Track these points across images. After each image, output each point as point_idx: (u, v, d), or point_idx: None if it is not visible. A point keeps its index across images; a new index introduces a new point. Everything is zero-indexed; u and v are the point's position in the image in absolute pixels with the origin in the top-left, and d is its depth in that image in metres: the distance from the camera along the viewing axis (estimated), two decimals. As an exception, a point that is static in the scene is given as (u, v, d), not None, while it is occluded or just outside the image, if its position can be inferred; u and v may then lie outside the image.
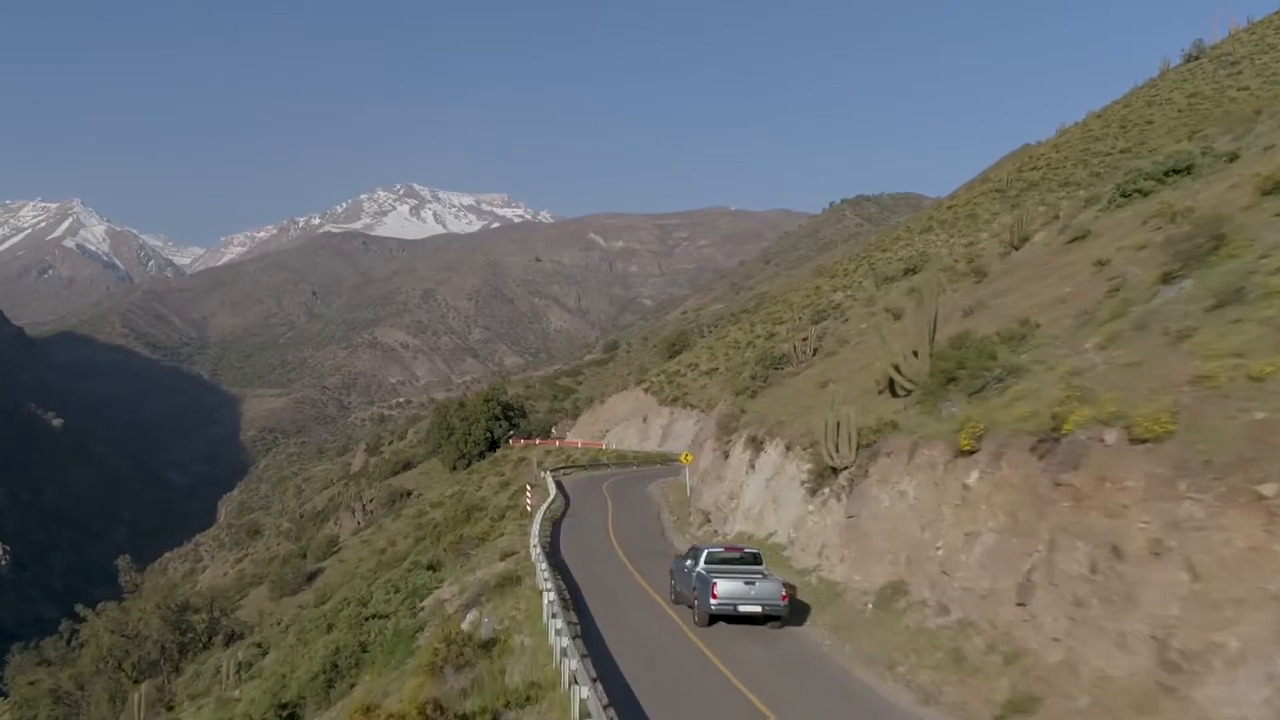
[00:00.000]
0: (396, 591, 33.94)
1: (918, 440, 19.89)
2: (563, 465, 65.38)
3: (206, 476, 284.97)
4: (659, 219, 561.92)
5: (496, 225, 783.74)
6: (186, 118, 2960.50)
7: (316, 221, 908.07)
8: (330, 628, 33.83)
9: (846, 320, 47.58)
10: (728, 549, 22.10)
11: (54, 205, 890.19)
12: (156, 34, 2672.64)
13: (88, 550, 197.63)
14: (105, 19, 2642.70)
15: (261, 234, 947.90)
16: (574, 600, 23.45)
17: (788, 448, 27.51)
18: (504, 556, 30.42)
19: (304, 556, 78.69)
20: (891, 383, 24.27)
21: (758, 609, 19.71)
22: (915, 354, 22.67)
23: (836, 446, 22.42)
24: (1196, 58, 71.94)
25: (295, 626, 39.82)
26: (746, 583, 19.86)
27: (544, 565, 24.30)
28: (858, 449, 21.96)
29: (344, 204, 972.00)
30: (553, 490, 47.08)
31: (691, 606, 21.08)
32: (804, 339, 41.06)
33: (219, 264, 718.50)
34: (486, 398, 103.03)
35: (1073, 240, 29.31)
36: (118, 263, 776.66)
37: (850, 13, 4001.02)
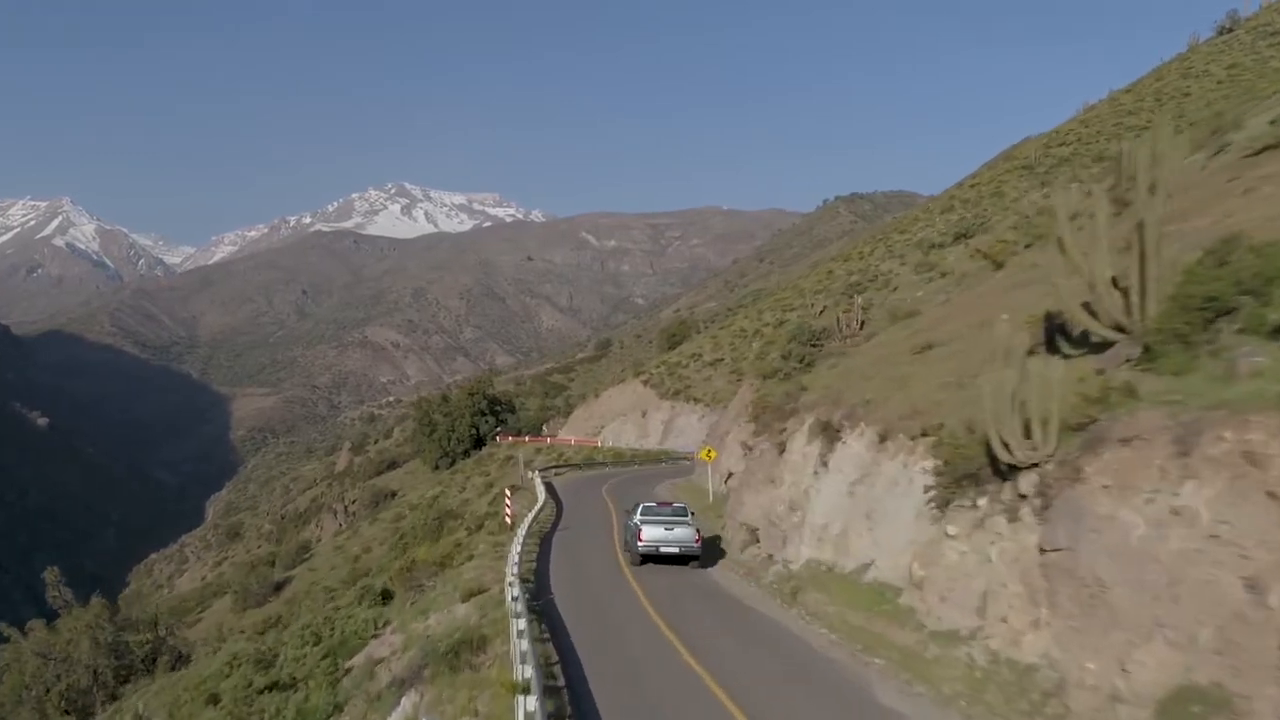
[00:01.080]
0: (316, 642, 25.51)
1: (1199, 416, 11.05)
2: (554, 464, 60.36)
3: (197, 476, 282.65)
4: (651, 218, 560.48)
5: (488, 225, 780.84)
6: (178, 117, 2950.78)
7: (308, 220, 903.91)
8: (215, 699, 24.59)
9: (895, 289, 41.73)
10: (660, 505, 27.05)
11: (43, 204, 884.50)
12: (148, 32, 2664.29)
13: (75, 552, 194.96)
14: (95, 17, 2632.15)
15: (253, 233, 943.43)
16: (574, 698, 13.90)
17: (882, 437, 19.32)
18: (468, 596, 21.81)
19: (273, 564, 73.76)
20: (1059, 333, 16.04)
21: (675, 550, 25.08)
22: (1116, 284, 13.99)
23: (1026, 430, 13.31)
24: (1230, 30, 69.53)
25: (171, 693, 31.05)
26: (666, 529, 25.24)
27: (523, 622, 15.89)
28: (1059, 435, 13.04)
29: (335, 203, 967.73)
30: (541, 495, 39.73)
31: (629, 552, 26.58)
32: (848, 311, 33.92)
33: (209, 263, 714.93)
34: (471, 391, 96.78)
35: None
36: (107, 262, 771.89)
37: (844, 13, 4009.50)
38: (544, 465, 58.57)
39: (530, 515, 33.13)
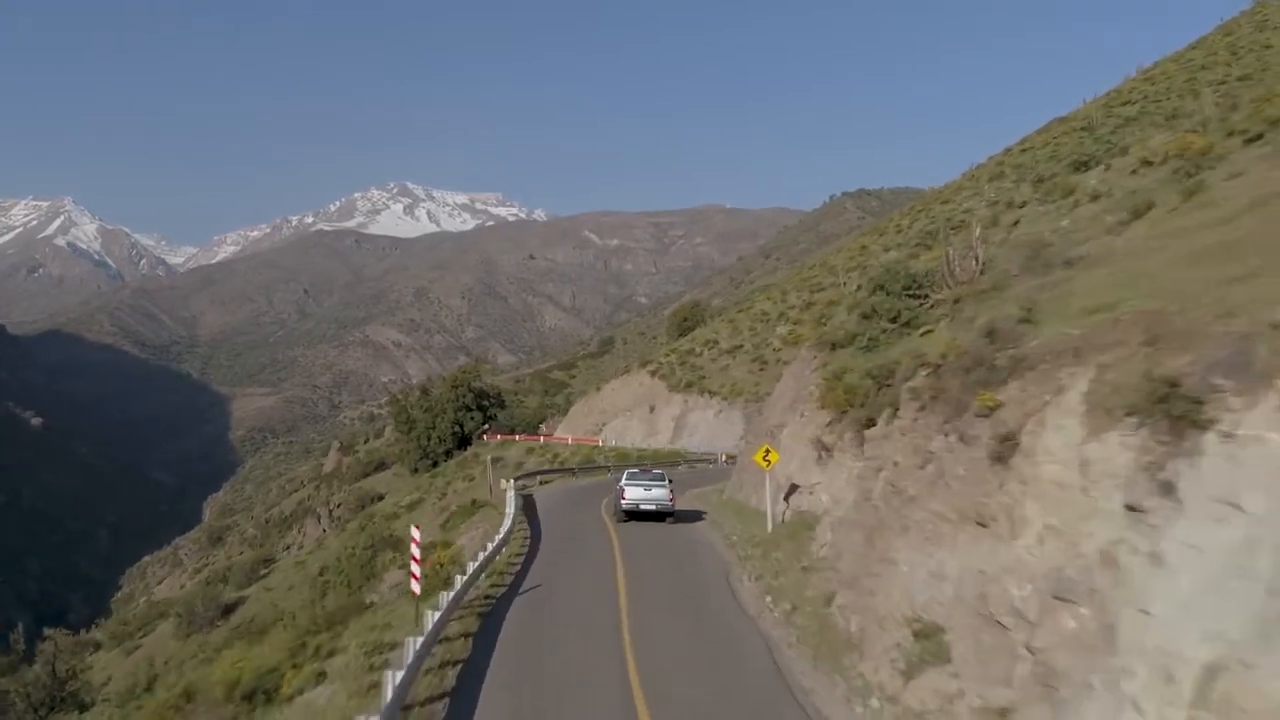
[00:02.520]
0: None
1: None
2: (544, 469, 51.67)
3: (196, 476, 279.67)
4: (654, 217, 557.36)
5: (491, 224, 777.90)
6: (181, 117, 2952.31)
7: (310, 220, 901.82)
8: None
9: (1016, 223, 27.90)
10: (642, 469, 32.45)
11: (45, 203, 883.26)
12: (151, 32, 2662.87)
13: (68, 554, 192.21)
14: (97, 17, 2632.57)
15: (255, 233, 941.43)
16: None
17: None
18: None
19: (225, 580, 65.07)
20: None
21: (653, 507, 28.83)
22: None
23: None
24: None
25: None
26: (645, 489, 29.04)
27: None
28: None
29: (337, 202, 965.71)
30: (508, 521, 27.89)
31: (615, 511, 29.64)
32: (963, 250, 19.53)
33: (211, 263, 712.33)
34: (455, 383, 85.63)
35: None
36: (109, 261, 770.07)
37: (846, 12, 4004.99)
38: (531, 470, 50.34)
39: (472, 568, 20.37)
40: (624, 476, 30.69)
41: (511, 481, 38.31)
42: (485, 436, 79.76)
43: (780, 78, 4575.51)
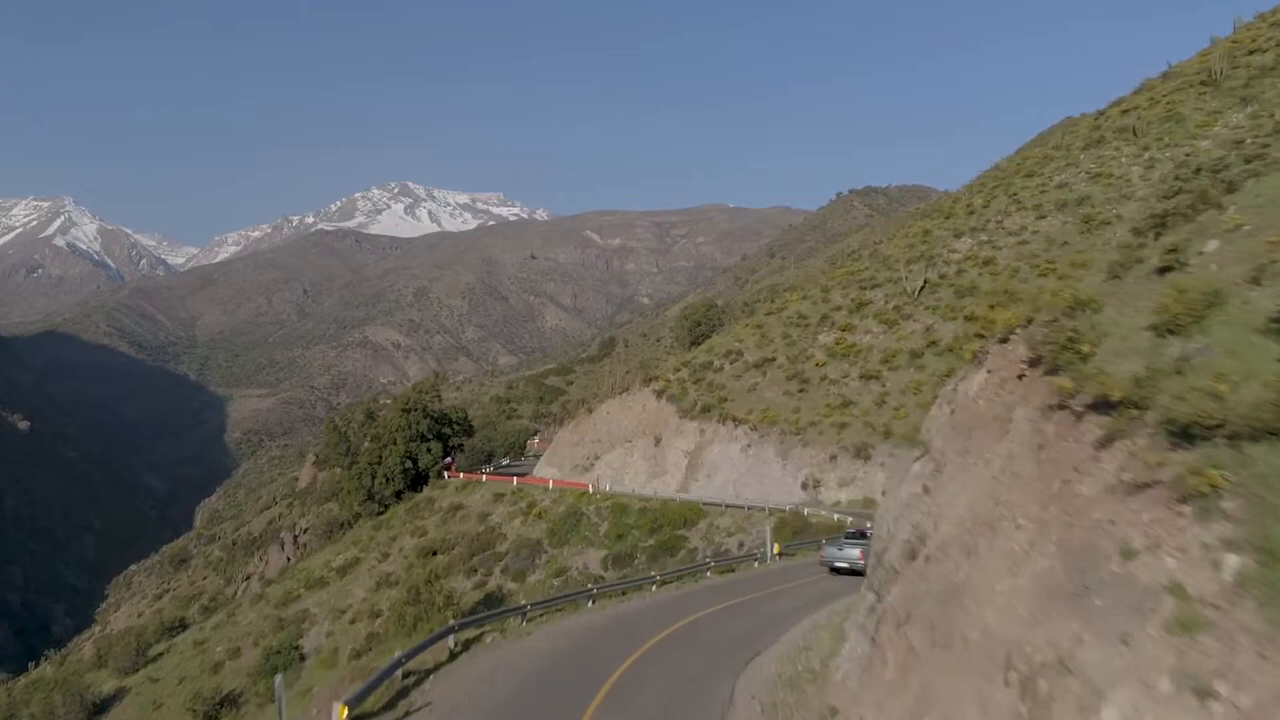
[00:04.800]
0: None
1: None
2: (481, 548, 41.54)
3: (189, 480, 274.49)
4: (656, 216, 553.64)
5: (492, 224, 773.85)
6: (182, 116, 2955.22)
7: (310, 220, 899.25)
8: None
9: None
10: (850, 533, 31.14)
11: (45, 203, 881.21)
12: (153, 32, 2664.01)
13: (51, 562, 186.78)
14: (99, 17, 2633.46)
15: (256, 233, 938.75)
16: None
17: None
18: None
19: (102, 664, 51.84)
20: None
21: (846, 565, 29.46)
22: None
23: None
24: None
25: None
26: (841, 549, 30.11)
27: None
28: None
29: (338, 202, 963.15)
30: None
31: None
32: None
33: (212, 263, 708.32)
34: (406, 406, 70.27)
35: None
36: (109, 261, 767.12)
37: (849, 12, 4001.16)
38: (468, 551, 40.13)
39: None
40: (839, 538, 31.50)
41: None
42: (446, 473, 67.37)
43: (782, 77, 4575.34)
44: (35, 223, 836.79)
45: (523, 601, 26.58)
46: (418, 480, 66.46)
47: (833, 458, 47.10)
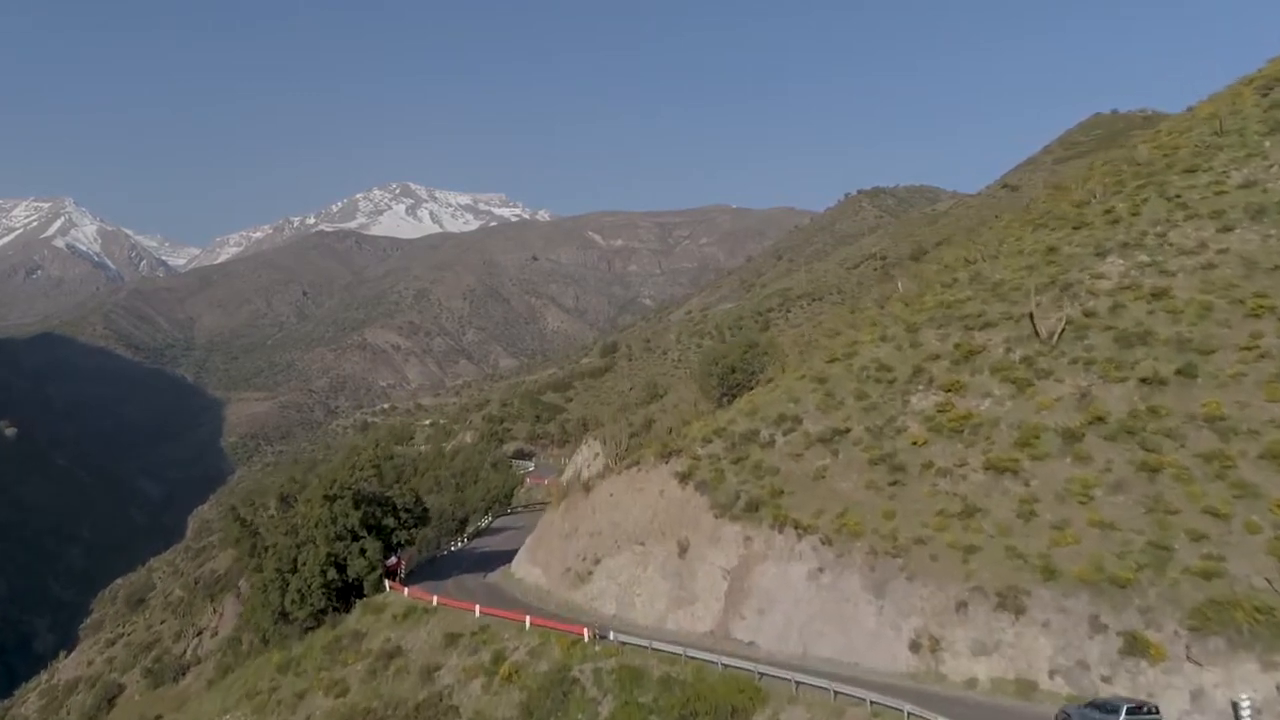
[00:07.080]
0: None
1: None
2: None
3: (184, 484, 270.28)
4: (658, 217, 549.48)
5: (493, 224, 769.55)
6: (183, 117, 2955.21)
7: (311, 221, 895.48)
8: None
9: None
10: (1107, 703, 27.70)
11: (46, 204, 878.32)
12: (153, 32, 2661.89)
13: (36, 573, 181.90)
14: (100, 18, 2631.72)
15: (257, 234, 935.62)
16: None
17: None
18: None
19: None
20: None
21: None
22: None
23: None
24: None
25: None
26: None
27: None
28: None
29: (339, 203, 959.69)
30: None
31: None
32: None
33: (213, 264, 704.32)
34: (329, 493, 53.23)
35: None
36: (109, 263, 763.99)
37: (852, 12, 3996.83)
38: None
39: None
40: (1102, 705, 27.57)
41: None
42: (388, 583, 52.23)
43: (784, 77, 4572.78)
44: (35, 223, 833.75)
45: None
46: (347, 592, 51.97)
47: (961, 605, 31.50)
